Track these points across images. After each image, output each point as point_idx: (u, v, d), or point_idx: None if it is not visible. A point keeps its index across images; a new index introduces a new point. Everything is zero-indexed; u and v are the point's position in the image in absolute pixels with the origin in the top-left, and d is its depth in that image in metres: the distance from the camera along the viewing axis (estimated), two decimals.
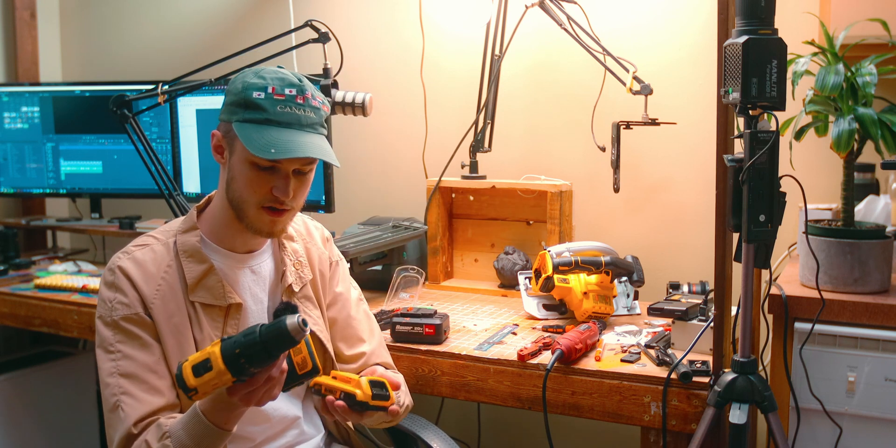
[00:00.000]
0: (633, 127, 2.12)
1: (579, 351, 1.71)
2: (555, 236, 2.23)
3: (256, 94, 1.39)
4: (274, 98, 1.39)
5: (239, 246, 1.52)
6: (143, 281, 1.45)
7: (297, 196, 1.45)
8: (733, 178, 1.45)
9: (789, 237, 2.13)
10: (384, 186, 2.76)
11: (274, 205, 1.43)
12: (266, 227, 1.46)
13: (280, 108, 1.39)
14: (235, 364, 1.19)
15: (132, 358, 1.41)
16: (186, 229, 1.51)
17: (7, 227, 3.01)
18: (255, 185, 1.42)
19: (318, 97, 1.45)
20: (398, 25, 2.67)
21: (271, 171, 1.41)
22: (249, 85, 1.40)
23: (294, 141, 1.38)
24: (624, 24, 2.35)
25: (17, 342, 3.17)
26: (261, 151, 1.36)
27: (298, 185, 1.44)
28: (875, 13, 1.77)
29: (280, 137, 1.37)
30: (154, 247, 1.50)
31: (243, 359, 1.19)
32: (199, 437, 1.30)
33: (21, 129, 2.96)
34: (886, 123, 1.64)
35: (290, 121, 1.40)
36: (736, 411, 1.47)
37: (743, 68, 1.39)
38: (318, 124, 1.44)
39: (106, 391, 1.40)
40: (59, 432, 2.97)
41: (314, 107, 1.43)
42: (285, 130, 1.39)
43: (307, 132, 1.41)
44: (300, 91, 1.41)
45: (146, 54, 3.19)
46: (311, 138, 1.41)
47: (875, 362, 1.61)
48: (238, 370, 1.20)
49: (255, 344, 1.18)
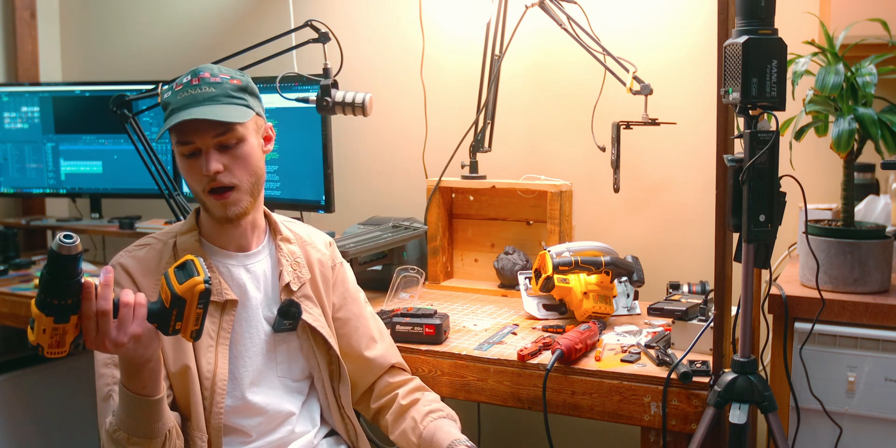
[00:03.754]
0: (633, 127, 2.12)
1: (579, 351, 1.71)
2: (555, 236, 2.23)
3: (166, 95, 1.49)
4: (174, 90, 1.48)
5: (230, 244, 1.56)
6: (141, 276, 1.50)
7: (233, 170, 1.47)
8: (733, 178, 1.45)
9: (789, 237, 2.13)
10: (384, 186, 2.76)
11: (213, 185, 1.46)
12: (220, 210, 1.48)
13: (180, 96, 1.46)
14: (40, 302, 1.19)
15: None
16: (186, 230, 1.56)
17: (7, 227, 3.01)
18: (191, 173, 1.48)
19: (222, 74, 1.49)
20: (398, 25, 2.67)
21: (196, 156, 1.46)
22: (164, 90, 1.50)
23: (188, 115, 1.43)
24: (624, 24, 2.35)
25: (17, 342, 3.17)
26: (159, 132, 1.46)
27: (229, 160, 1.46)
28: (875, 13, 1.77)
29: (179, 117, 1.43)
30: (154, 246, 1.55)
31: (43, 294, 1.18)
32: (128, 409, 1.33)
33: (21, 129, 2.96)
34: (886, 123, 1.64)
35: (188, 102, 1.45)
36: (736, 411, 1.47)
37: (743, 68, 1.39)
38: (222, 96, 1.46)
39: (100, 381, 1.45)
40: (59, 432, 2.97)
41: (212, 83, 1.47)
42: (185, 110, 1.44)
43: (204, 105, 1.45)
44: (194, 74, 1.48)
45: (146, 54, 3.19)
46: (204, 108, 1.44)
47: (875, 362, 1.61)
48: (45, 306, 1.18)
49: (42, 276, 1.19)
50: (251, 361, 1.55)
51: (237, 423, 1.54)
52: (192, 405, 1.45)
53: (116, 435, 1.35)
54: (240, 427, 1.55)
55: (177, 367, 1.46)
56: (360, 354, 1.67)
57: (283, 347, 1.59)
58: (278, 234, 1.62)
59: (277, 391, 1.58)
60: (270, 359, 1.57)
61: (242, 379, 1.54)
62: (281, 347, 1.59)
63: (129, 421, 1.34)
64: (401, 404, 1.64)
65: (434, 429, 1.57)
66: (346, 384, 1.63)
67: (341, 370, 1.62)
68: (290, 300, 1.57)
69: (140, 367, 1.30)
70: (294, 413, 1.60)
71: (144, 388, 1.32)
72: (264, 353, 1.56)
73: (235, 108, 1.46)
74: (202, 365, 1.47)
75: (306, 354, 1.61)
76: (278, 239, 1.61)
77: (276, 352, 1.58)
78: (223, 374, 1.49)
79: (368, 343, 1.68)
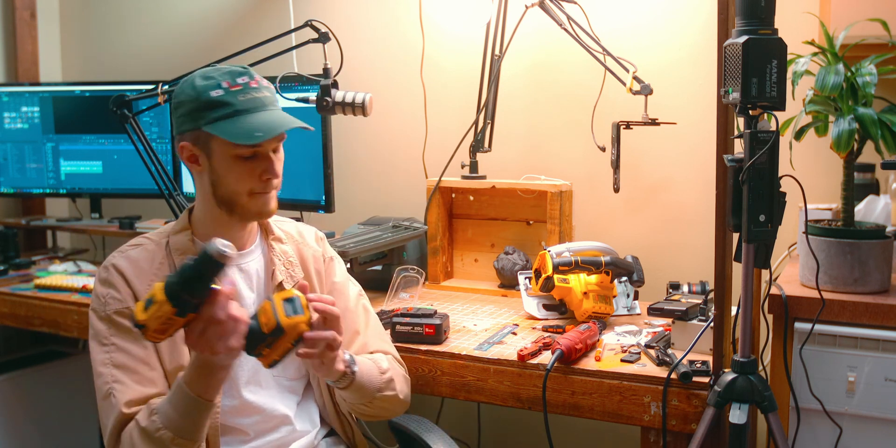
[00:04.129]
0: (633, 127, 2.12)
1: (579, 351, 1.71)
2: (555, 236, 2.23)
3: (215, 93, 1.43)
4: (232, 90, 1.44)
5: None
6: (135, 277, 1.50)
7: (279, 173, 1.51)
8: (733, 178, 1.45)
9: (789, 237, 2.13)
10: (384, 186, 2.76)
11: (267, 187, 1.49)
12: (263, 207, 1.50)
13: (242, 97, 1.44)
14: (171, 292, 1.23)
15: (125, 350, 1.45)
16: (179, 230, 1.56)
17: (7, 227, 3.01)
18: (246, 176, 1.47)
19: (263, 80, 1.51)
20: (398, 25, 2.67)
21: (254, 158, 1.46)
22: (204, 87, 1.44)
23: (271, 120, 1.44)
24: (624, 24, 2.35)
25: (17, 342, 3.17)
26: (248, 139, 1.41)
27: (279, 163, 1.51)
28: (875, 13, 1.77)
29: (255, 121, 1.43)
30: (147, 246, 1.55)
31: (178, 286, 1.23)
32: (183, 409, 1.33)
33: (21, 129, 2.96)
34: (886, 123, 1.64)
35: (256, 105, 1.45)
36: (736, 411, 1.47)
37: (743, 68, 1.39)
38: (276, 101, 1.51)
39: (99, 380, 1.44)
40: (59, 432, 2.97)
41: (266, 87, 1.50)
42: (256, 114, 1.44)
43: (272, 110, 1.47)
44: (250, 77, 1.47)
45: (146, 54, 3.19)
46: (279, 114, 1.48)
47: (875, 362, 1.61)
48: (174, 297, 1.23)
49: (185, 269, 1.24)
50: (246, 361, 1.54)
51: (235, 422, 1.55)
52: None
53: (160, 434, 1.34)
54: (238, 426, 1.55)
55: (173, 366, 1.46)
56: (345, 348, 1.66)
57: None
58: (270, 234, 1.62)
59: (272, 390, 1.58)
60: None
61: (238, 378, 1.54)
62: None
63: (180, 421, 1.34)
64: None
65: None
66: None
67: None
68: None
69: (215, 372, 1.32)
70: (289, 412, 1.60)
71: (208, 392, 1.34)
72: None
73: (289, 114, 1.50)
74: None
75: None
76: (270, 239, 1.62)
77: None
78: None
79: (352, 337, 1.65)
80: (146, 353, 1.45)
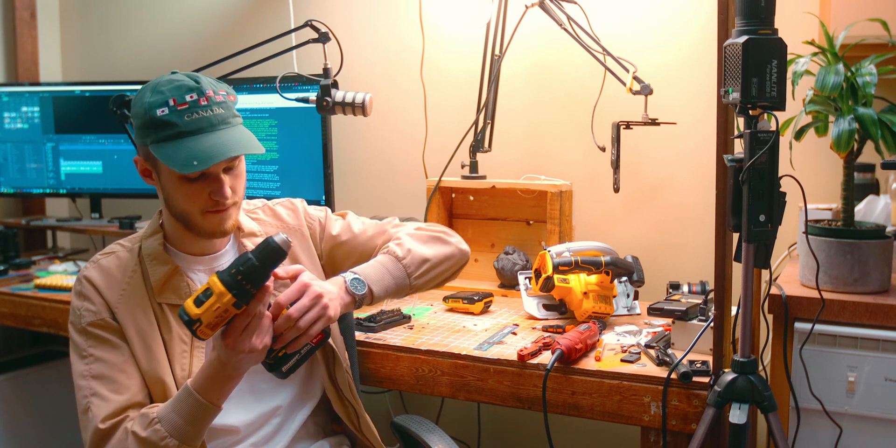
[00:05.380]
0: (633, 127, 2.12)
1: (579, 351, 1.71)
2: (555, 236, 2.23)
3: (161, 112, 1.37)
4: (178, 109, 1.37)
5: (197, 250, 1.55)
6: (106, 288, 1.50)
7: (236, 190, 1.47)
8: (733, 178, 1.45)
9: (789, 237, 2.13)
10: (384, 186, 2.76)
11: (217, 208, 1.46)
12: (217, 227, 1.48)
13: (188, 117, 1.37)
14: (233, 282, 1.26)
15: (103, 360, 1.45)
16: (150, 234, 1.55)
17: (7, 227, 3.01)
18: (193, 197, 1.44)
19: (220, 90, 1.43)
20: (398, 25, 2.67)
21: (203, 179, 1.43)
22: (150, 104, 1.38)
23: (213, 146, 1.37)
24: (624, 24, 2.35)
25: (17, 342, 3.17)
26: (184, 167, 1.36)
27: (234, 181, 1.46)
28: (875, 13, 1.77)
29: (197, 147, 1.37)
30: (119, 254, 1.55)
31: (239, 276, 1.26)
32: (191, 415, 1.34)
33: (21, 129, 2.96)
34: (886, 123, 1.64)
35: (202, 126, 1.38)
36: (736, 411, 1.47)
37: (743, 68, 1.39)
38: (230, 117, 1.43)
39: (78, 394, 1.45)
40: (59, 432, 2.97)
41: (219, 102, 1.41)
42: (200, 137, 1.38)
43: (221, 130, 1.40)
44: (200, 93, 1.39)
45: (146, 54, 3.19)
46: (227, 136, 1.40)
47: (875, 362, 1.61)
48: (236, 287, 1.25)
49: (248, 260, 1.27)
50: None
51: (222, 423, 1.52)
52: None
53: (165, 442, 1.34)
54: (225, 427, 1.53)
55: (150, 374, 1.46)
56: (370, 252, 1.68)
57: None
58: (241, 232, 1.59)
59: (261, 385, 1.57)
60: None
61: None
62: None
63: (187, 428, 1.35)
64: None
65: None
66: (341, 369, 1.62)
67: (334, 354, 1.61)
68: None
69: (234, 378, 1.34)
70: (280, 405, 1.59)
71: (219, 398, 1.35)
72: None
73: (246, 132, 1.44)
74: (176, 372, 1.47)
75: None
76: (241, 237, 1.59)
77: None
78: None
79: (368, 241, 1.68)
80: (122, 360, 1.46)
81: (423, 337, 1.90)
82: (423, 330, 1.97)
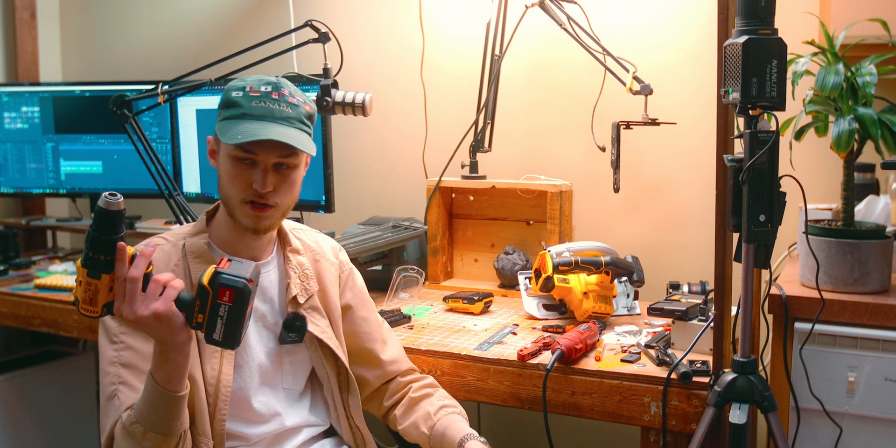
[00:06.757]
0: (633, 127, 2.12)
1: (579, 351, 1.71)
2: (555, 236, 2.23)
3: (235, 94, 1.45)
4: (250, 95, 1.44)
5: (243, 252, 1.53)
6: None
7: (281, 192, 1.47)
8: (733, 178, 1.45)
9: (789, 237, 2.13)
10: (384, 186, 2.76)
11: (255, 199, 1.45)
12: (251, 221, 1.47)
13: (255, 103, 1.44)
14: (83, 257, 1.26)
15: (134, 348, 1.44)
16: (195, 233, 1.54)
17: (7, 227, 3.01)
18: (237, 180, 1.45)
19: (298, 96, 1.48)
20: (398, 25, 2.67)
21: (251, 165, 1.44)
22: (231, 87, 1.47)
23: (265, 129, 1.41)
24: (624, 24, 2.35)
25: (17, 342, 3.17)
26: (231, 138, 1.40)
27: (280, 181, 1.46)
28: (875, 13, 1.77)
29: (250, 127, 1.41)
30: (164, 247, 1.53)
31: (86, 249, 1.25)
32: (151, 402, 1.33)
33: (21, 129, 2.96)
34: (886, 123, 1.64)
35: (264, 113, 1.43)
36: (736, 411, 1.47)
37: (743, 68, 1.39)
38: (296, 119, 1.46)
39: (105, 379, 1.43)
40: (59, 432, 2.97)
41: (291, 103, 1.46)
42: (258, 122, 1.42)
43: (280, 124, 1.44)
44: (275, 87, 1.46)
45: (146, 54, 3.19)
46: (285, 130, 1.43)
47: (875, 362, 1.61)
48: (85, 259, 1.25)
49: (88, 232, 1.26)
50: (256, 371, 1.54)
51: (241, 431, 1.53)
52: (197, 411, 1.45)
53: (133, 428, 1.34)
54: (244, 435, 1.54)
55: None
56: (375, 355, 1.68)
57: (288, 359, 1.58)
58: (287, 245, 1.60)
59: (282, 402, 1.58)
60: (276, 370, 1.57)
61: (248, 388, 1.53)
62: (287, 359, 1.58)
63: (150, 414, 1.34)
64: (412, 397, 1.65)
65: (448, 422, 1.57)
66: (354, 394, 1.63)
67: (349, 380, 1.62)
68: (294, 314, 1.56)
69: (165, 354, 1.30)
70: (298, 422, 1.60)
71: (170, 382, 1.32)
72: (270, 364, 1.56)
73: (306, 137, 1.46)
74: (206, 371, 1.47)
75: (315, 365, 1.61)
76: (287, 250, 1.60)
77: (283, 363, 1.58)
78: (227, 381, 1.48)
79: (381, 346, 1.69)
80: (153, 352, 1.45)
81: (423, 337, 1.90)
82: (423, 330, 1.97)
